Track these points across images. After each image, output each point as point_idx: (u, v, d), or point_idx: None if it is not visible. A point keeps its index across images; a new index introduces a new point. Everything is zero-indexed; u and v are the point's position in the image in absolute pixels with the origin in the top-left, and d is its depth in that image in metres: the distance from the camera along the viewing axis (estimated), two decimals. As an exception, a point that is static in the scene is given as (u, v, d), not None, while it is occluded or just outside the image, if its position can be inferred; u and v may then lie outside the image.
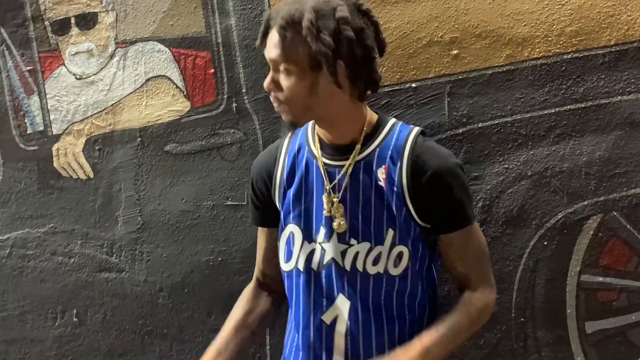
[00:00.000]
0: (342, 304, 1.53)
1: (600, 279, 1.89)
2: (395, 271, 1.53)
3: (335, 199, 1.53)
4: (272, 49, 1.43)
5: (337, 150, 1.55)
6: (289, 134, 1.65)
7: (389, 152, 1.53)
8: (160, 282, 2.24)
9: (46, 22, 2.28)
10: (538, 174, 1.91)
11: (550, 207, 1.91)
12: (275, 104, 1.48)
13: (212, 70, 2.14)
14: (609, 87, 1.86)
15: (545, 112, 1.90)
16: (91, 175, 2.28)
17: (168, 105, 2.19)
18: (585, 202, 1.89)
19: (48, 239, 2.33)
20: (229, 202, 2.17)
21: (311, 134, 1.60)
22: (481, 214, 1.94)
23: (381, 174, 1.52)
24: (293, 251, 1.58)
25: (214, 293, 2.19)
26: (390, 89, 1.98)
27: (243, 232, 2.16)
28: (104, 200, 2.27)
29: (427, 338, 1.46)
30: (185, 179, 2.20)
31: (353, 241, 1.53)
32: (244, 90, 2.12)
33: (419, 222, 1.53)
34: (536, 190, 1.91)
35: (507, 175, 1.92)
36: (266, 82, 1.46)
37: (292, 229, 1.58)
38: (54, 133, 2.30)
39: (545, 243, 1.92)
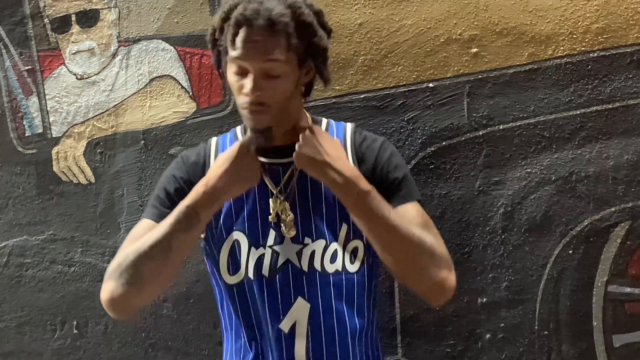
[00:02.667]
0: (301, 308, 1.54)
1: (629, 289, 1.90)
2: (352, 267, 1.56)
3: (281, 201, 1.54)
4: (261, 50, 1.42)
5: (278, 151, 1.56)
6: (212, 140, 1.66)
7: None
8: (164, 292, 2.23)
9: (45, 20, 2.29)
10: (562, 179, 1.92)
11: (576, 214, 1.92)
12: (253, 109, 1.46)
13: (219, 70, 2.16)
14: (637, 87, 1.87)
15: (570, 113, 1.91)
16: (92, 180, 2.29)
17: (173, 107, 2.21)
18: (613, 209, 1.90)
19: (47, 247, 2.34)
20: (236, 208, 2.18)
21: (242, 136, 1.63)
22: (502, 220, 1.96)
23: None
24: (240, 261, 1.57)
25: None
26: (406, 90, 2.00)
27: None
28: (106, 206, 2.28)
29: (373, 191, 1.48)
30: (191, 183, 2.21)
31: (307, 240, 1.55)
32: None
33: None
34: (560, 196, 1.92)
35: (530, 180, 1.94)
36: (250, 88, 1.44)
37: (236, 237, 1.58)
38: (53, 136, 2.31)
39: (570, 252, 1.93)
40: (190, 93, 2.19)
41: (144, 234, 1.55)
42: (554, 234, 1.94)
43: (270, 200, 1.55)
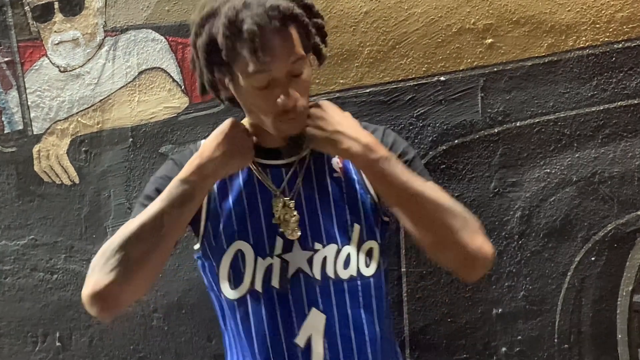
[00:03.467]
0: (317, 319, 1.51)
1: (656, 299, 1.90)
2: (368, 271, 1.53)
3: (288, 201, 1.52)
4: (287, 53, 1.40)
5: (276, 151, 1.56)
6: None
7: None
8: (154, 302, 2.22)
9: (26, 7, 2.28)
10: (584, 180, 1.91)
11: (599, 218, 1.90)
12: (292, 117, 1.44)
13: (214, 62, 2.13)
14: (665, 81, 1.86)
15: (593, 109, 1.89)
16: (77, 181, 2.28)
17: (164, 102, 2.19)
18: (639, 212, 1.88)
19: (28, 253, 2.33)
20: (232, 211, 2.16)
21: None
22: (519, 225, 1.95)
23: (337, 163, 1.55)
24: (245, 273, 1.53)
25: (215, 315, 2.15)
26: (415, 83, 1.98)
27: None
28: (91, 209, 2.27)
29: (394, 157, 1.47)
30: (183, 184, 2.18)
31: (318, 245, 1.52)
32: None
33: (380, 208, 1.55)
34: (582, 199, 1.91)
35: (549, 182, 1.92)
36: (290, 96, 1.41)
37: (239, 247, 1.53)
38: (34, 133, 2.31)
39: (593, 258, 1.91)
40: (183, 87, 2.18)
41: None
42: (575, 239, 1.92)
43: (272, 201, 1.53)
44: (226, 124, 1.51)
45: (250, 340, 1.54)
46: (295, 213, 1.51)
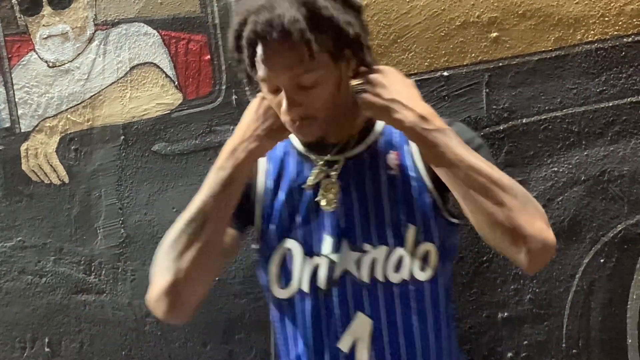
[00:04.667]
0: (363, 324, 1.49)
1: (668, 303, 1.89)
2: (422, 275, 1.50)
3: (331, 172, 1.51)
4: (289, 66, 1.37)
5: (332, 147, 1.54)
6: None
7: (397, 136, 1.53)
8: (147, 306, 2.21)
9: (13, 0, 2.28)
10: (593, 179, 1.90)
11: (608, 218, 1.90)
12: (298, 125, 1.43)
13: (208, 57, 2.14)
14: (677, 76, 1.86)
15: (602, 105, 1.89)
16: (66, 180, 2.28)
17: (156, 98, 2.19)
18: None
19: (15, 255, 2.34)
20: (227, 212, 2.15)
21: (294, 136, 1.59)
22: None
23: (392, 160, 1.51)
24: (293, 272, 1.53)
25: (211, 319, 2.18)
26: (417, 78, 1.97)
27: (244, 247, 2.12)
28: (81, 210, 2.27)
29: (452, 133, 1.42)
30: (177, 184, 2.19)
31: (367, 246, 1.50)
32: (245, 80, 2.10)
33: (444, 208, 1.51)
34: (591, 198, 1.90)
35: (557, 181, 1.92)
36: (286, 106, 1.40)
37: (289, 245, 1.54)
38: (22, 130, 2.31)
39: (602, 260, 1.90)
40: (176, 82, 2.18)
41: None
42: (583, 240, 1.91)
43: (314, 169, 1.53)
44: (254, 102, 1.50)
45: (295, 342, 1.55)
46: (336, 183, 1.51)
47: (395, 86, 1.42)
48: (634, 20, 1.84)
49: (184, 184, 2.18)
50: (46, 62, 2.26)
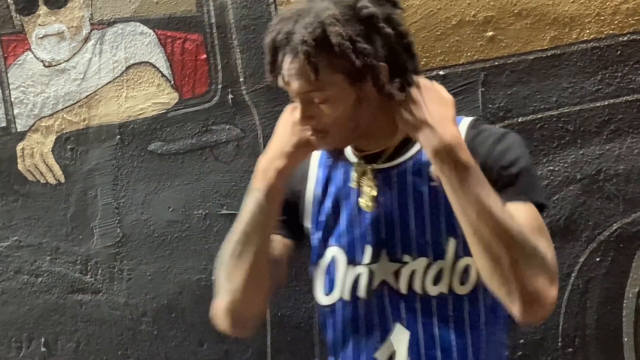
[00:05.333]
0: (400, 336, 1.47)
1: (663, 301, 1.89)
2: (462, 290, 1.46)
3: (369, 168, 1.48)
4: (297, 81, 1.37)
5: (381, 155, 1.51)
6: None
7: None
8: (143, 305, 2.23)
9: (9, 0, 2.28)
10: (589, 178, 1.91)
11: (604, 217, 1.90)
12: (315, 137, 1.43)
13: (204, 56, 2.14)
14: (673, 75, 1.86)
15: (598, 104, 1.89)
16: (62, 180, 2.28)
17: (152, 97, 2.19)
18: None
19: (12, 255, 2.33)
20: (223, 211, 2.17)
21: None
22: None
23: (435, 171, 1.47)
24: (335, 280, 1.52)
25: (207, 318, 2.11)
26: None
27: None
28: (77, 209, 2.28)
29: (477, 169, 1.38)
30: (173, 183, 2.20)
31: (407, 258, 1.47)
32: (241, 79, 2.12)
33: None
34: (587, 197, 1.91)
35: (553, 179, 1.92)
36: (299, 118, 1.41)
37: (333, 253, 1.53)
38: (18, 130, 2.31)
39: (598, 259, 1.91)
40: (172, 82, 2.18)
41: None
42: (579, 239, 1.92)
43: (354, 166, 1.51)
44: (283, 115, 1.48)
45: (335, 348, 1.55)
46: (373, 184, 1.48)
47: (429, 105, 1.39)
48: (630, 19, 1.85)
49: (180, 183, 2.19)
50: (42, 61, 2.26)
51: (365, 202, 1.48)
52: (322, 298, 1.54)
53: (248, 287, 1.48)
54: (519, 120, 1.93)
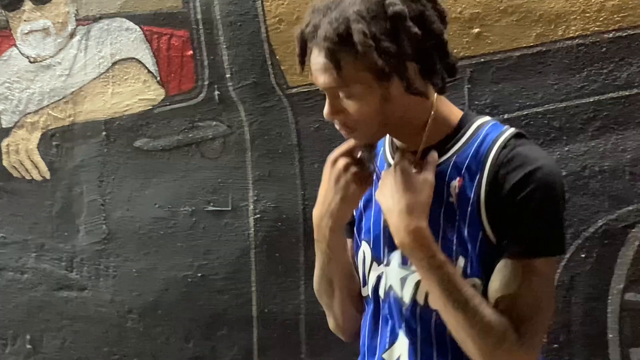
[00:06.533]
0: (403, 344, 1.48)
1: (648, 297, 1.90)
2: None
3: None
4: (322, 76, 1.36)
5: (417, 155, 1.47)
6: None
7: (468, 161, 1.42)
8: (129, 302, 2.24)
9: None
10: (574, 174, 1.91)
11: (589, 213, 1.91)
12: (343, 132, 1.43)
13: (191, 52, 2.15)
14: (657, 72, 1.86)
15: (583, 101, 1.90)
16: (48, 176, 2.28)
17: (138, 93, 2.20)
18: (630, 207, 1.89)
19: None
20: (210, 208, 2.17)
21: (388, 137, 1.55)
22: None
23: (454, 188, 1.43)
24: (365, 274, 1.54)
25: (193, 315, 2.20)
26: None
27: (227, 243, 2.16)
28: (63, 206, 2.28)
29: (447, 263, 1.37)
30: (159, 180, 2.20)
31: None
32: (228, 76, 2.12)
33: (495, 247, 1.42)
34: (572, 193, 1.91)
35: None
36: (326, 112, 1.40)
37: (364, 248, 1.54)
38: (3, 126, 2.31)
39: (583, 255, 1.92)
40: (158, 78, 2.18)
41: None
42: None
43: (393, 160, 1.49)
44: (327, 164, 1.48)
45: (363, 337, 1.58)
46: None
47: (397, 193, 1.38)
48: (615, 16, 1.86)
49: (167, 179, 2.19)
50: (27, 57, 2.26)
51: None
52: (362, 289, 1.58)
53: (347, 307, 1.59)
54: (505, 116, 1.93)
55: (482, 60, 1.95)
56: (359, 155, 1.45)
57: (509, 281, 1.37)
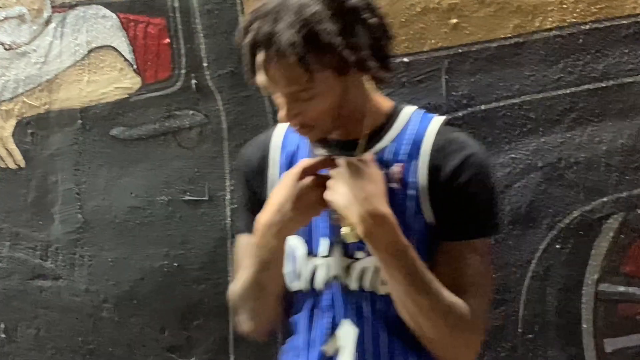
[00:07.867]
0: (348, 332, 1.50)
1: (622, 288, 1.91)
2: None
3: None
4: (285, 83, 1.37)
5: (345, 146, 1.51)
6: (276, 127, 1.62)
7: (404, 147, 1.49)
8: (104, 292, 2.24)
9: None
10: (550, 166, 1.93)
11: (565, 204, 1.92)
12: (301, 132, 1.45)
13: (167, 40, 2.15)
14: (633, 64, 1.87)
15: (559, 92, 1.91)
16: (23, 165, 2.28)
17: (114, 82, 2.19)
18: (605, 199, 1.90)
19: None
20: (187, 197, 2.18)
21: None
22: None
23: (396, 173, 1.48)
24: (297, 269, 1.55)
25: (169, 305, 2.20)
26: None
27: (203, 233, 2.16)
28: (38, 194, 2.28)
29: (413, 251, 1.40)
30: (135, 169, 2.21)
31: (360, 254, 1.49)
32: (205, 64, 2.13)
33: (435, 230, 1.48)
34: (548, 185, 1.93)
35: (515, 167, 1.94)
36: (284, 117, 1.41)
37: (294, 242, 1.54)
38: None
39: (558, 246, 1.93)
40: (135, 66, 2.18)
41: (245, 252, 1.59)
42: (540, 226, 1.94)
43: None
44: (296, 169, 1.46)
45: (297, 333, 1.58)
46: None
47: (355, 184, 1.39)
48: (592, 7, 1.86)
49: (143, 169, 2.19)
50: (2, 44, 2.26)
51: (351, 229, 1.46)
52: (290, 285, 1.57)
53: (272, 312, 1.58)
54: (482, 107, 1.94)
55: (460, 51, 1.95)
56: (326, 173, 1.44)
57: (453, 263, 1.45)
